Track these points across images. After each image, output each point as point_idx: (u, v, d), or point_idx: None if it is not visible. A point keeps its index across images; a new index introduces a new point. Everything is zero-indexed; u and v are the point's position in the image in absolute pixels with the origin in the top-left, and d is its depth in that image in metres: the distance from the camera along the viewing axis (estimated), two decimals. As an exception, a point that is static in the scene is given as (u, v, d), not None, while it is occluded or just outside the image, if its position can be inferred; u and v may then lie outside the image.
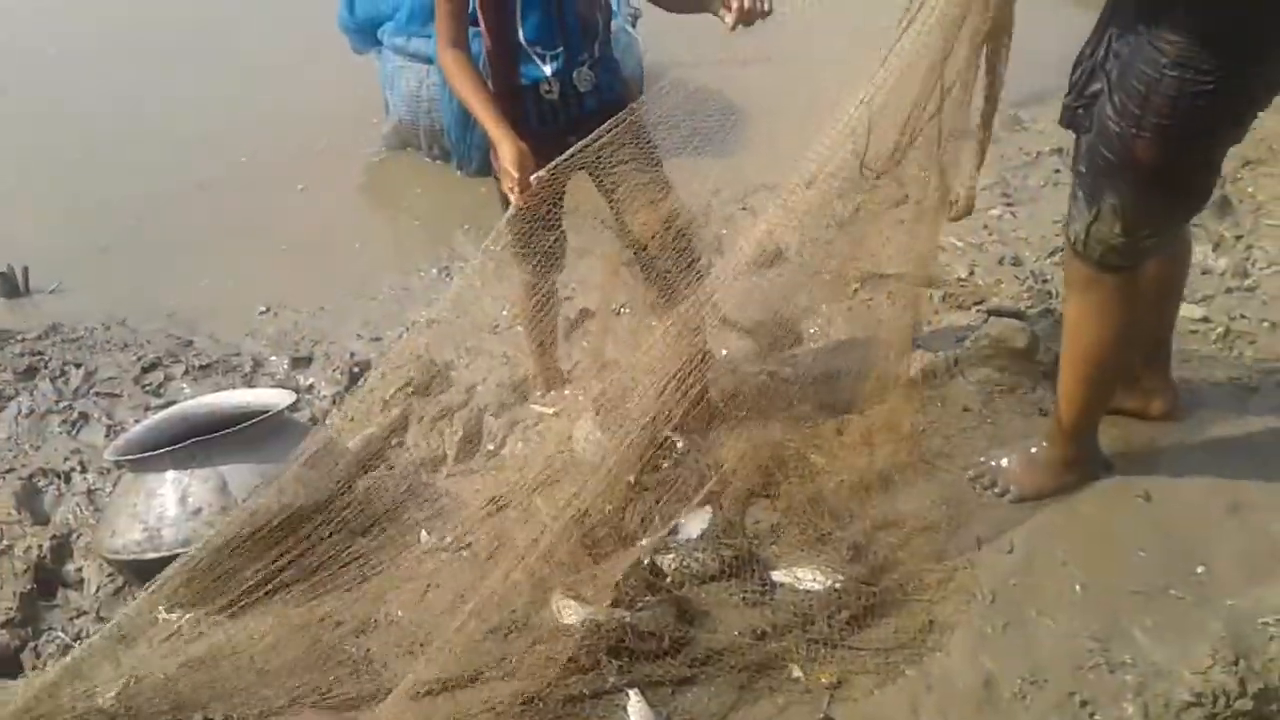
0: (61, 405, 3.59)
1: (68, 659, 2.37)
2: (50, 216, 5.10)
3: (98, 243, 4.80)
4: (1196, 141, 2.13)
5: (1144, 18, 2.05)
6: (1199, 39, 1.99)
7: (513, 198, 2.52)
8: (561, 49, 2.63)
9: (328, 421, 2.85)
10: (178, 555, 2.49)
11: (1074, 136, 2.38)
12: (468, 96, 2.62)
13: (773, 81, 2.65)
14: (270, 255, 4.57)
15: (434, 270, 4.34)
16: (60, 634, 2.72)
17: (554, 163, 2.51)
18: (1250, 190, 3.97)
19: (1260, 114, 2.18)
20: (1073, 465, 2.57)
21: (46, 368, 3.78)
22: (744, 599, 2.37)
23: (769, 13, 2.41)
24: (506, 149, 2.50)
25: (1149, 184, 2.16)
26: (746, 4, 2.39)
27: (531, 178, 2.49)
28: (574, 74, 2.66)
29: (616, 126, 2.49)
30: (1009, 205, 4.11)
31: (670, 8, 2.72)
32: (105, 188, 5.33)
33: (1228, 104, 2.07)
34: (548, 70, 2.64)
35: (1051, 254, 3.70)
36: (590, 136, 2.50)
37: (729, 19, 2.41)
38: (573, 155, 2.50)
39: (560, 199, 2.73)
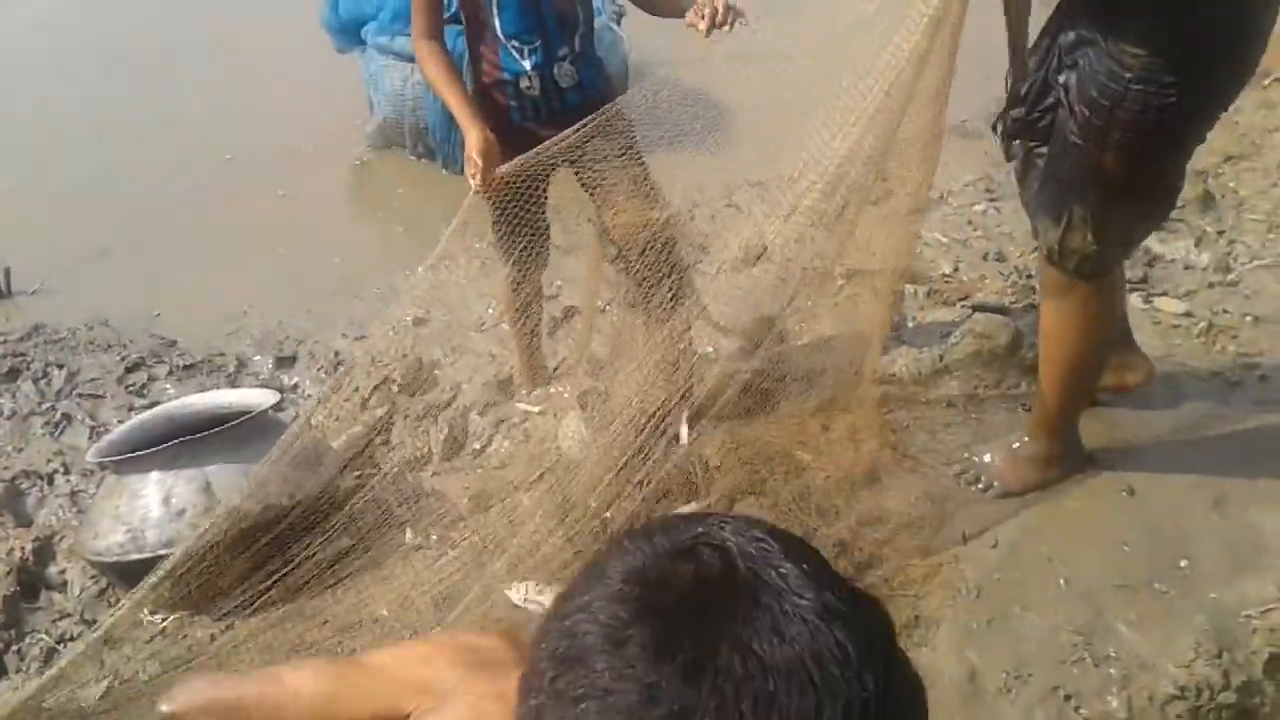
0: (44, 407, 3.56)
1: (54, 670, 2.35)
2: (35, 218, 5.07)
3: (85, 244, 4.76)
4: (1164, 151, 2.13)
5: (1103, 31, 2.05)
6: (1161, 51, 1.99)
7: (474, 184, 2.52)
8: (539, 42, 2.63)
9: (312, 421, 2.84)
10: (161, 557, 2.47)
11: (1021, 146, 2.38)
12: (439, 85, 2.63)
13: (758, 79, 2.65)
14: (255, 255, 4.55)
15: (419, 269, 4.32)
16: (43, 636, 2.70)
17: (517, 159, 2.51)
18: (1232, 185, 3.98)
19: (1238, 108, 2.19)
20: (1056, 460, 2.58)
21: (29, 369, 3.76)
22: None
23: (742, 18, 2.42)
24: (472, 137, 2.52)
25: (1119, 194, 2.16)
26: (720, 11, 2.39)
27: (497, 171, 2.50)
28: (555, 69, 2.65)
29: (590, 123, 2.49)
30: (993, 201, 4.11)
31: (649, 9, 2.72)
32: (91, 189, 5.30)
33: (1192, 113, 2.08)
34: (527, 64, 2.63)
35: (1035, 249, 3.70)
36: (563, 134, 2.49)
37: (701, 26, 2.42)
38: (541, 152, 2.50)
39: (544, 196, 2.73)
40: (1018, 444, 2.62)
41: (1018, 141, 2.41)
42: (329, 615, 2.43)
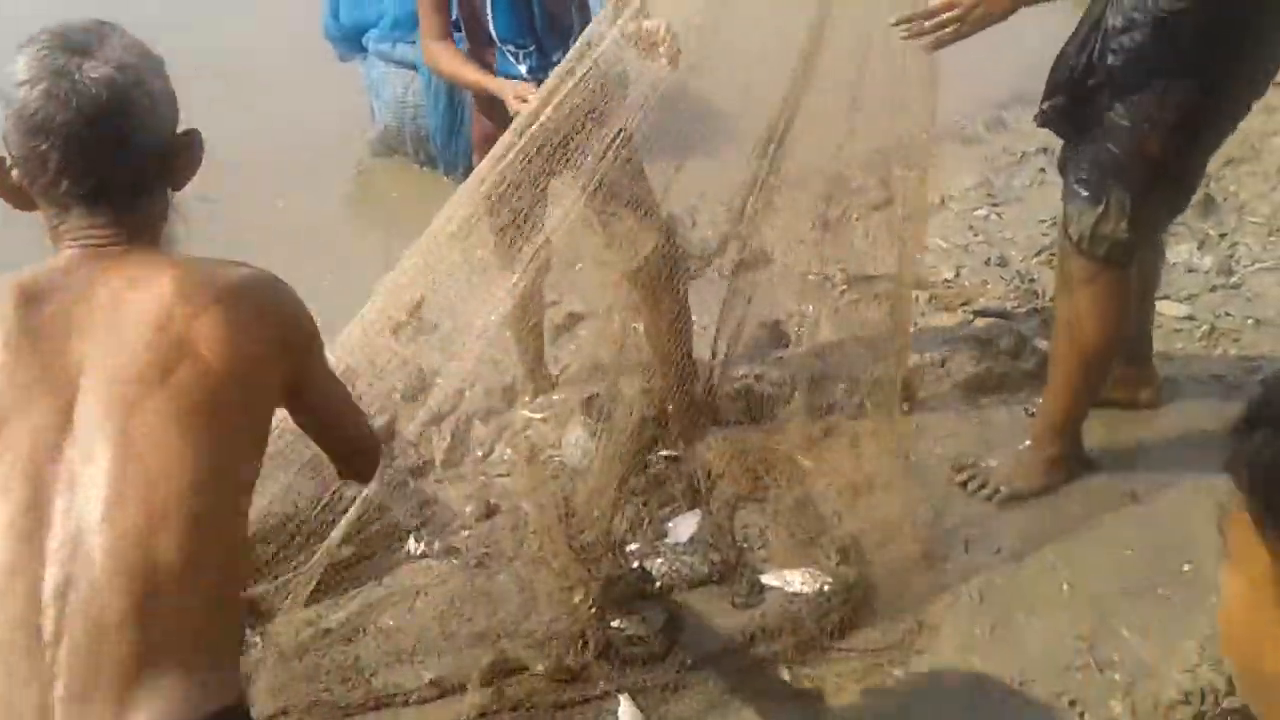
0: (47, 416, 3.56)
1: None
2: (34, 227, 5.07)
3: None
4: (1206, 136, 2.18)
5: (1154, 15, 2.07)
6: (1211, 35, 2.01)
7: (524, 107, 2.45)
8: (533, 47, 2.63)
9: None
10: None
11: (1059, 138, 2.39)
12: (456, 72, 2.64)
13: (757, 83, 2.66)
14: (258, 262, 4.54)
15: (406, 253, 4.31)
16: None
17: (545, 85, 2.47)
18: (1233, 188, 3.98)
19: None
20: (1059, 464, 2.58)
21: (32, 379, 3.76)
22: (733, 603, 2.38)
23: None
24: (506, 87, 2.51)
25: (1158, 177, 2.20)
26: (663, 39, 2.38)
27: (529, 94, 2.46)
28: (550, 74, 2.65)
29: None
30: (994, 206, 4.11)
31: None
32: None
33: (1238, 99, 2.12)
34: (522, 69, 2.64)
35: (1038, 254, 3.71)
36: (560, 67, 2.43)
37: (663, 61, 2.40)
38: (554, 79, 2.45)
39: (543, 201, 2.72)
40: (1021, 449, 2.62)
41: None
42: (331, 624, 2.43)
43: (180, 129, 1.46)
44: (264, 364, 1.35)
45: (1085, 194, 2.28)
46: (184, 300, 1.29)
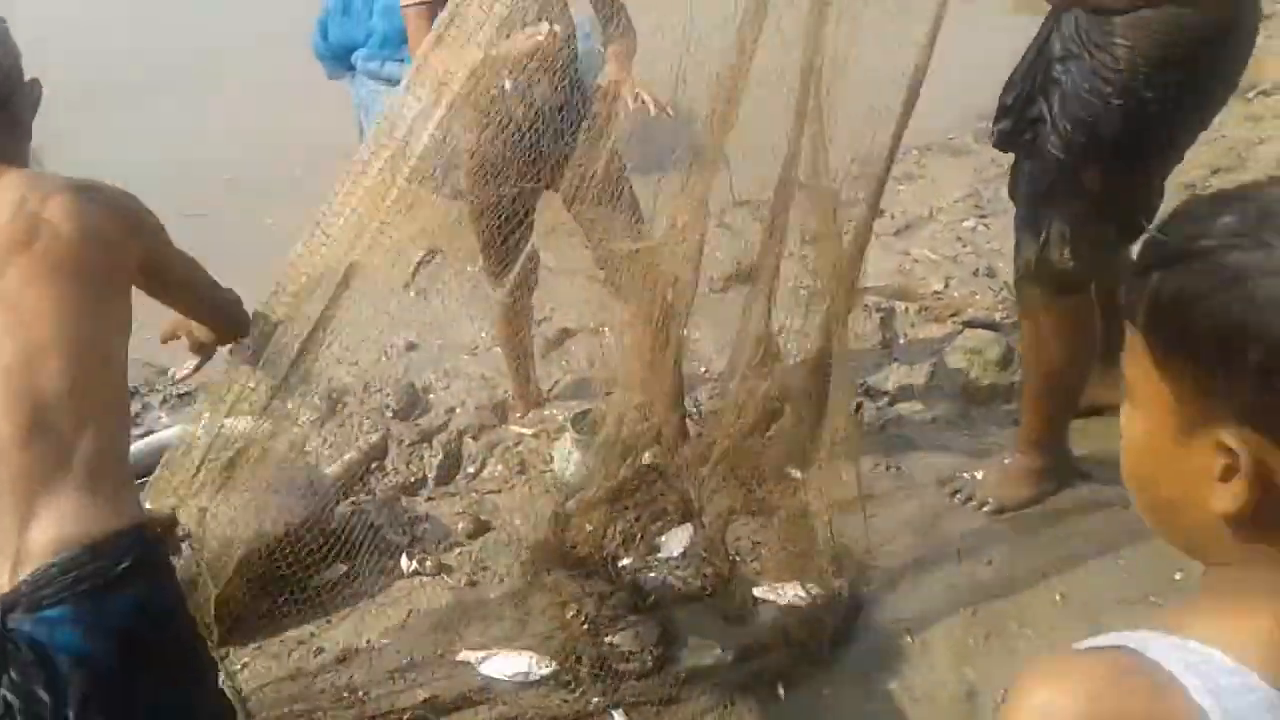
0: (37, 437, 3.55)
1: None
2: None
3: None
4: (1142, 168, 2.16)
5: (1087, 47, 2.07)
6: (1143, 70, 2.01)
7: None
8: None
9: (307, 448, 2.84)
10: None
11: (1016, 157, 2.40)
12: None
13: (750, 97, 2.66)
14: (251, 280, 4.52)
15: (411, 293, 4.31)
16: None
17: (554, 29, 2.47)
18: (1219, 198, 4.00)
19: (1222, 121, 2.21)
20: (1047, 474, 2.58)
21: (22, 399, 3.74)
22: (726, 616, 2.37)
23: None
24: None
25: (1096, 210, 2.18)
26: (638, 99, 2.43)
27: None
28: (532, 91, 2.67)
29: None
30: (982, 217, 4.13)
31: None
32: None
33: (1172, 131, 2.10)
34: (507, 84, 2.65)
35: (1021, 266, 3.73)
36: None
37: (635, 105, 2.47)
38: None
39: (531, 219, 2.74)
40: (1009, 460, 2.62)
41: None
42: (324, 642, 2.42)
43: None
44: (117, 241, 1.53)
45: (1028, 225, 2.29)
46: (34, 189, 1.47)
